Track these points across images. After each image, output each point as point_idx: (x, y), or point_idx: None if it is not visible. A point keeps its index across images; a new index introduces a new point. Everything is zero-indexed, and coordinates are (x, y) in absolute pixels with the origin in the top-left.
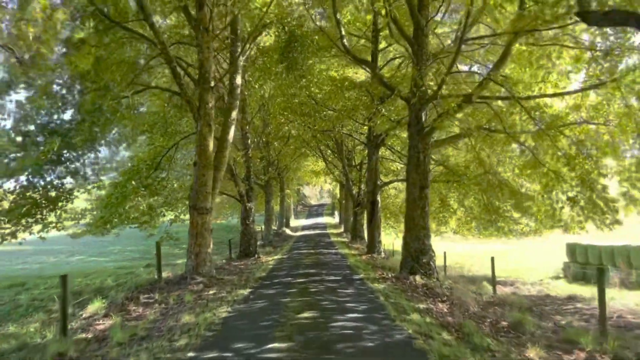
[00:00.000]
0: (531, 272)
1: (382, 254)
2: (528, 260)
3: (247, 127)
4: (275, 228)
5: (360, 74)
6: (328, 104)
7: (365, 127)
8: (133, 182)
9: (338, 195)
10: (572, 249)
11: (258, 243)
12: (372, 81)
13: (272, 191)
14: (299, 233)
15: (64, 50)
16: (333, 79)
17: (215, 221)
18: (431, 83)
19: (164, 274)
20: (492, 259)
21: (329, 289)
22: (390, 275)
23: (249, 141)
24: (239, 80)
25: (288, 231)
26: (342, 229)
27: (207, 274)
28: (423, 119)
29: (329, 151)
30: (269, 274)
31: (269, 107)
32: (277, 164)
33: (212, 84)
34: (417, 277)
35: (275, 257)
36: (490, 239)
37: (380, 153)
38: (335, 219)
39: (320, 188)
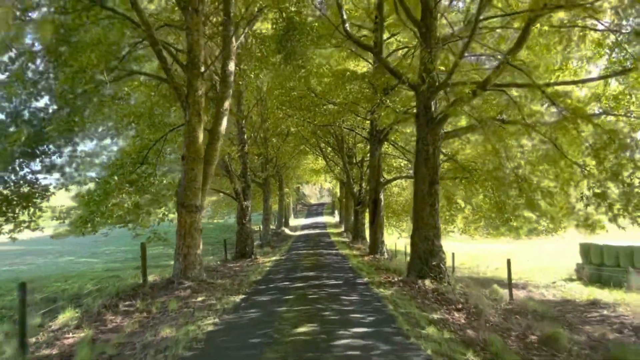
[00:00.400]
0: (542, 274)
1: (385, 255)
2: (536, 260)
3: (243, 122)
4: (274, 227)
5: (362, 67)
6: (328, 97)
7: (367, 122)
8: (116, 178)
9: (338, 194)
10: (586, 250)
11: (256, 243)
12: (377, 69)
13: (271, 189)
14: (298, 233)
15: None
16: (333, 70)
17: (212, 220)
18: (442, 68)
19: (152, 277)
20: (508, 261)
21: (330, 296)
22: (396, 279)
23: (245, 136)
24: (232, 66)
25: (287, 231)
26: (342, 229)
27: (196, 277)
28: (433, 109)
29: (329, 148)
30: (265, 277)
31: (266, 101)
32: (276, 161)
33: (202, 69)
34: (427, 282)
35: (273, 258)
36: (498, 238)
37: (383, 149)
38: (336, 218)
39: (320, 187)
